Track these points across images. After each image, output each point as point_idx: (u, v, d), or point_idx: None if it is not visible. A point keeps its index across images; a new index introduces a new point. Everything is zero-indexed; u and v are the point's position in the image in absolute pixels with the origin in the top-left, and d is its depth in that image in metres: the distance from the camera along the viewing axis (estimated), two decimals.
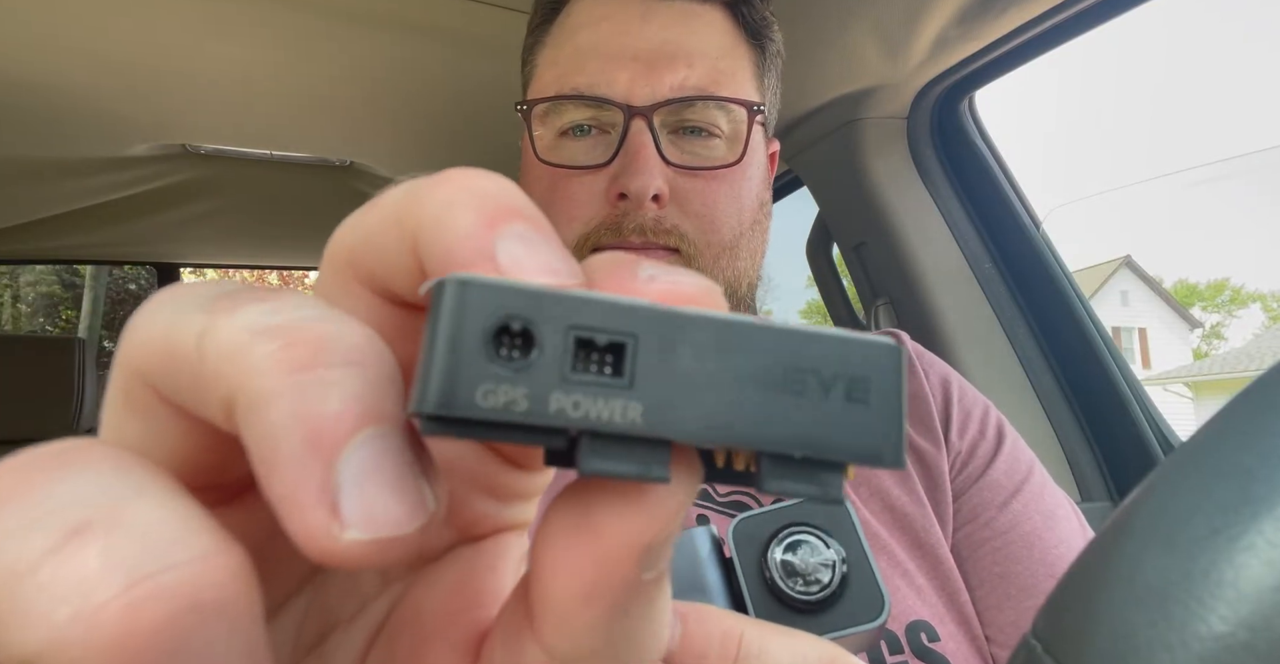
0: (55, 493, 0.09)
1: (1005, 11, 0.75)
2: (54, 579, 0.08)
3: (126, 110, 1.08)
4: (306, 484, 0.09)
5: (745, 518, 0.22)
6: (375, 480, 0.09)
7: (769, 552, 0.22)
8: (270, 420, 0.09)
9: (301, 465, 0.09)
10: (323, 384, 0.09)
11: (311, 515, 0.09)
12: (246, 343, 0.09)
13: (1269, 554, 0.12)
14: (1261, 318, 18.99)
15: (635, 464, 0.10)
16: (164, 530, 0.09)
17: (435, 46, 0.94)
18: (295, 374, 0.09)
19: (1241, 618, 0.12)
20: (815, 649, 0.19)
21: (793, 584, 0.21)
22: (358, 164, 1.38)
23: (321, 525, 0.09)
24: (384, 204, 0.11)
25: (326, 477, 0.09)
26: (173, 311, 0.11)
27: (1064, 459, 0.93)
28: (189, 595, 0.08)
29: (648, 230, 0.46)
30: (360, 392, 0.09)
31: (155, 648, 0.08)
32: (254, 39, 0.91)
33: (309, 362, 0.09)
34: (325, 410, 0.09)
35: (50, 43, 0.90)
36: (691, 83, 0.48)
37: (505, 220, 0.11)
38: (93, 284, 5.09)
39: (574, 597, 0.10)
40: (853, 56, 0.85)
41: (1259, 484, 0.12)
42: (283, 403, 0.09)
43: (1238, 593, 0.12)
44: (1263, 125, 59.45)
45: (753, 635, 0.19)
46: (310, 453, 0.09)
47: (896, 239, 0.96)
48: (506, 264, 0.10)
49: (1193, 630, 0.12)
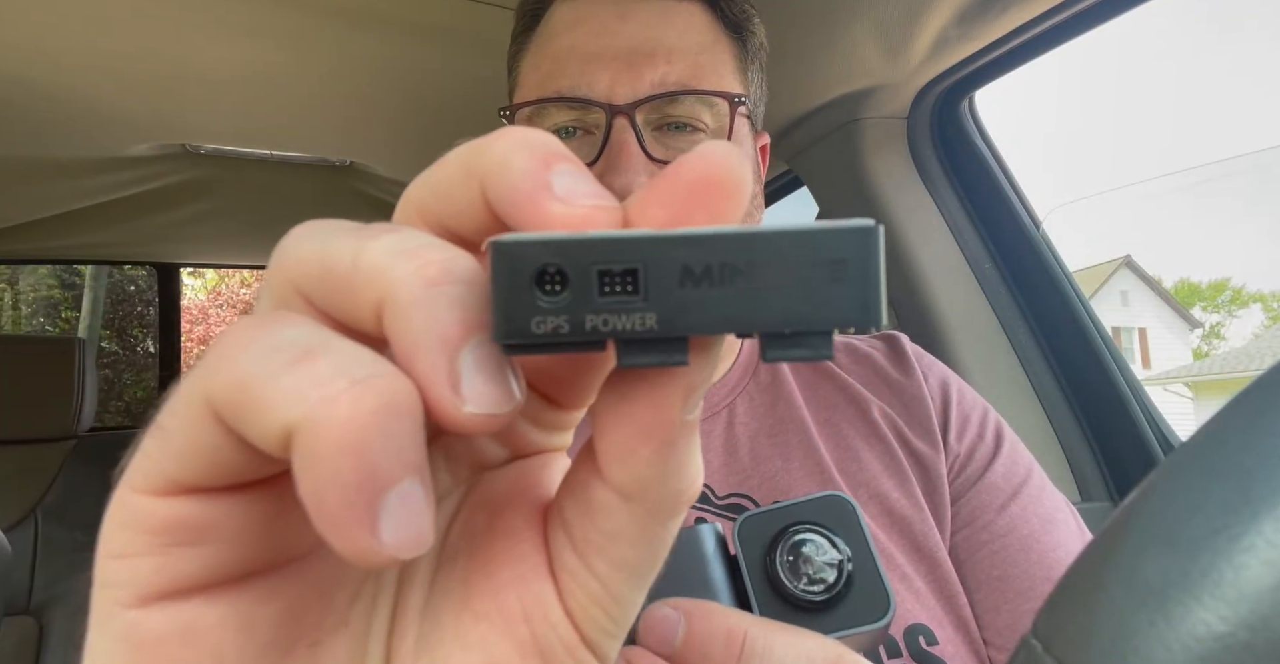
0: (283, 332, 0.13)
1: (1005, 11, 0.75)
2: (302, 377, 0.12)
3: (126, 110, 1.08)
4: (439, 372, 0.12)
5: (751, 516, 0.22)
6: (483, 373, 0.13)
7: (774, 550, 0.22)
8: (412, 322, 0.12)
9: (435, 358, 0.12)
10: (448, 298, 0.12)
11: (444, 393, 0.12)
12: (392, 262, 0.13)
13: (1269, 554, 0.12)
14: (1261, 318, 18.99)
15: (658, 355, 0.13)
16: (363, 356, 0.12)
17: (435, 46, 0.94)
18: (429, 287, 0.12)
19: (1241, 618, 0.12)
20: (820, 648, 0.19)
21: (798, 583, 0.21)
22: (358, 164, 1.38)
23: (450, 401, 0.12)
24: (450, 159, 0.14)
25: (453, 368, 0.12)
26: (322, 240, 0.14)
27: (1064, 459, 0.93)
28: (390, 394, 0.12)
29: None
30: (472, 306, 0.13)
31: (371, 427, 0.11)
32: (254, 39, 0.91)
33: (438, 278, 0.12)
34: (451, 318, 0.12)
35: (50, 43, 0.90)
36: (672, 79, 0.48)
37: (555, 161, 0.13)
38: (93, 284, 5.09)
39: (634, 436, 0.14)
40: (853, 56, 0.85)
41: (1259, 484, 0.12)
42: (421, 310, 0.12)
43: (1238, 593, 0.12)
44: (1263, 125, 59.47)
45: (756, 634, 0.19)
46: (441, 350, 0.12)
47: (896, 239, 0.96)
48: (562, 192, 0.13)
49: (1192, 630, 0.12)
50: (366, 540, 0.11)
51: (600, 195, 0.13)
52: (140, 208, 1.45)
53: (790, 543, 0.21)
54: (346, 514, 0.11)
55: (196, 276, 7.46)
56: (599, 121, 0.48)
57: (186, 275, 7.26)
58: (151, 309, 6.05)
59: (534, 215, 0.13)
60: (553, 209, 0.13)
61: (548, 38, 0.51)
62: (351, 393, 0.11)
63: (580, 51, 0.48)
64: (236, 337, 0.13)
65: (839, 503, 0.22)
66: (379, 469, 0.11)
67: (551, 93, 0.48)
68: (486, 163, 0.13)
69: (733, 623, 0.19)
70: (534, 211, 0.13)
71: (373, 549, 0.12)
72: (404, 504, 0.12)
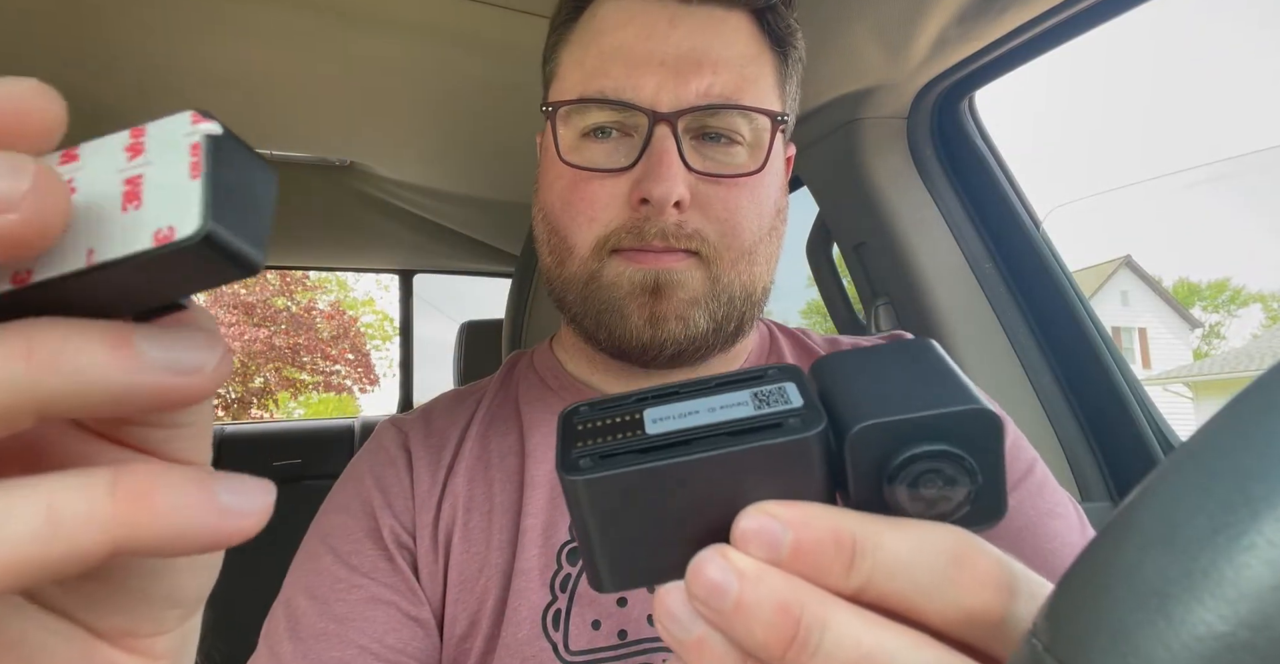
0: None
1: (1005, 11, 0.75)
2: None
3: (127, 110, 1.08)
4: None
5: (869, 427, 0.18)
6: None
7: (893, 472, 0.18)
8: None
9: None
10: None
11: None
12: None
13: (1269, 554, 0.12)
14: (1261, 318, 18.99)
15: None
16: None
17: (435, 46, 0.94)
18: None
19: (1242, 617, 0.12)
20: (938, 537, 0.17)
21: (916, 508, 0.18)
22: (358, 164, 1.38)
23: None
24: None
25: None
26: None
27: (1064, 459, 0.93)
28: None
29: (669, 235, 0.47)
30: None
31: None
32: (254, 39, 0.91)
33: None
34: None
35: (50, 43, 0.90)
36: (716, 90, 0.48)
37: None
38: None
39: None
40: (853, 56, 0.85)
41: (1259, 484, 0.12)
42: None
43: (1238, 592, 0.12)
44: (1262, 125, 59.48)
45: (865, 531, 0.17)
46: None
47: (896, 239, 0.96)
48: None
49: (1193, 630, 0.12)
50: None
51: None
52: None
53: (914, 469, 0.18)
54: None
55: None
56: (638, 124, 0.48)
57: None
58: None
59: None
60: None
61: (594, 33, 0.50)
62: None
63: (627, 53, 0.48)
64: None
65: (984, 419, 0.18)
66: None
67: (594, 92, 0.48)
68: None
69: (838, 523, 0.18)
70: None
71: None
72: None
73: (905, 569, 0.17)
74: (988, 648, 0.17)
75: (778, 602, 0.17)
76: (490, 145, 1.28)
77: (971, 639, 0.17)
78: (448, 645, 0.46)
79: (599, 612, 0.46)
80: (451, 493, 0.49)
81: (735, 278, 0.49)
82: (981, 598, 0.17)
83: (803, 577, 0.18)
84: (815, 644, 0.17)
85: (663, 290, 0.47)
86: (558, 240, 0.50)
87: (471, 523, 0.48)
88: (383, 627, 0.44)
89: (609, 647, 0.45)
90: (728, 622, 0.17)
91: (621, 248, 0.48)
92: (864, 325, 1.08)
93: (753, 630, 0.17)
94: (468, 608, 0.46)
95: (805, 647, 0.17)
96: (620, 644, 0.45)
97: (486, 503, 0.49)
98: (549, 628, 0.45)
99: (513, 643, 0.45)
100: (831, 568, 0.17)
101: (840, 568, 0.17)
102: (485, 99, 1.09)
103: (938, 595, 0.17)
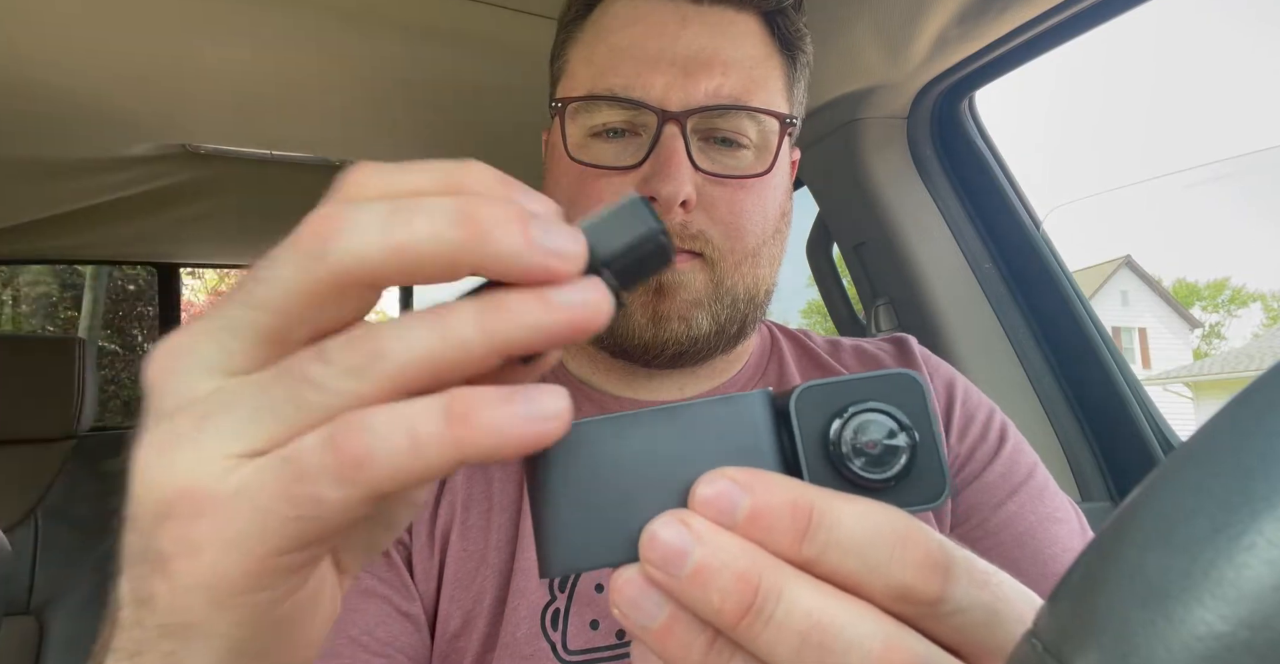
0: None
1: (1005, 11, 0.75)
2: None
3: (126, 110, 1.08)
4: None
5: (810, 387, 0.20)
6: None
7: (833, 426, 0.20)
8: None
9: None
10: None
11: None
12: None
13: (1269, 553, 0.12)
14: (1261, 318, 18.99)
15: None
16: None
17: (435, 46, 0.94)
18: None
19: (1242, 617, 0.12)
20: (888, 518, 0.18)
21: (858, 463, 0.19)
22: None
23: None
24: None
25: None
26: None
27: (1064, 459, 0.93)
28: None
29: (674, 236, 0.47)
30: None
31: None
32: (254, 39, 0.91)
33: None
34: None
35: (50, 43, 0.90)
36: (725, 91, 0.48)
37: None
38: (93, 284, 5.09)
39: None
40: (853, 56, 0.85)
41: (1260, 483, 0.12)
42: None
43: (1238, 592, 0.12)
44: (1262, 125, 59.46)
45: (824, 506, 0.18)
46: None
47: (896, 239, 0.96)
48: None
49: (1193, 630, 0.12)
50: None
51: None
52: (140, 208, 1.45)
53: (853, 422, 0.20)
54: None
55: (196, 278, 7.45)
56: (647, 123, 0.48)
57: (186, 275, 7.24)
58: (151, 309, 6.05)
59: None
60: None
61: (604, 31, 0.50)
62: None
63: (638, 52, 0.48)
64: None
65: (907, 381, 0.20)
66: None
67: (603, 90, 0.48)
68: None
69: (796, 494, 0.18)
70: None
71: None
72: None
73: (857, 545, 0.17)
74: (922, 625, 0.18)
75: (738, 569, 0.17)
76: (491, 145, 1.28)
77: (908, 615, 0.18)
78: (439, 642, 0.46)
79: (597, 611, 0.46)
80: (450, 490, 0.49)
81: (739, 280, 0.49)
82: (920, 576, 0.17)
83: (756, 543, 0.18)
84: (769, 613, 0.17)
85: (666, 290, 0.47)
86: None
87: (470, 520, 0.48)
88: (373, 619, 0.44)
89: (607, 646, 0.45)
90: (684, 589, 0.17)
91: None
92: (864, 325, 1.08)
93: (710, 598, 0.17)
94: (462, 605, 0.46)
95: (759, 615, 0.17)
96: (618, 644, 0.45)
97: (485, 501, 0.49)
98: (548, 627, 0.45)
99: (511, 642, 0.45)
100: (785, 537, 0.18)
101: (794, 538, 0.17)
102: (485, 99, 1.09)
103: (882, 571, 0.17)
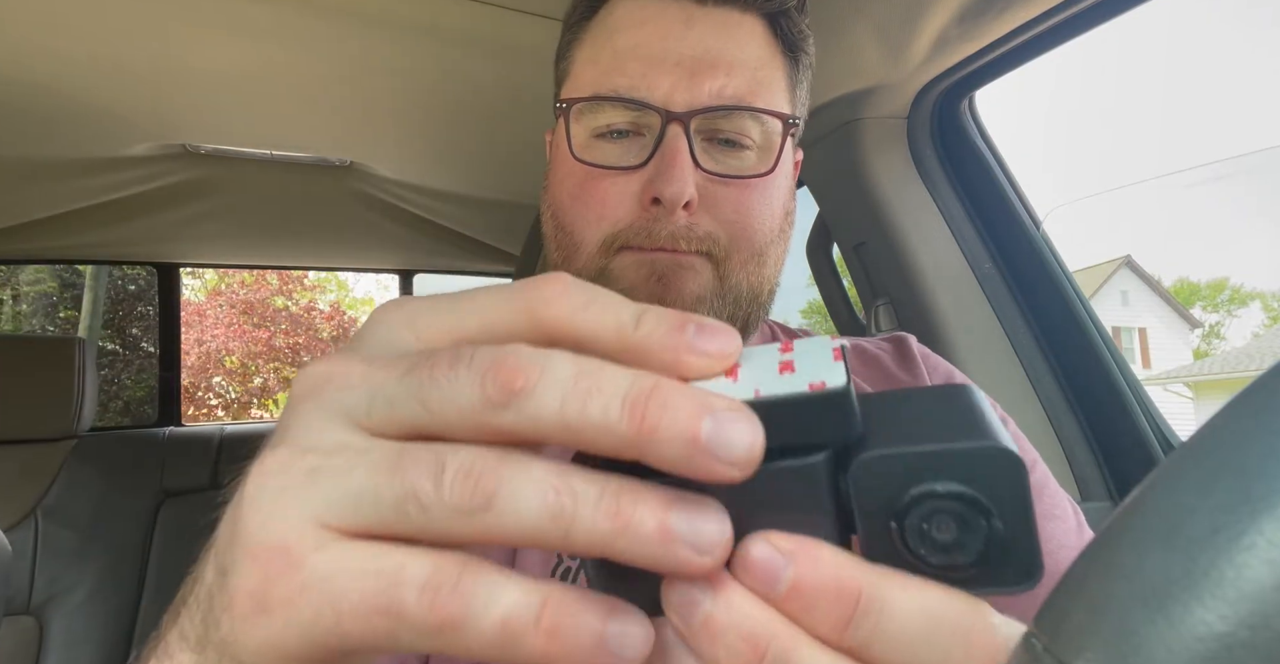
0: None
1: (1005, 11, 0.75)
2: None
3: (126, 110, 1.09)
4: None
5: (874, 457, 0.17)
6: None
7: (902, 510, 0.16)
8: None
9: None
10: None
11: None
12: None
13: (1269, 553, 0.12)
14: (1261, 317, 18.99)
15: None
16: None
17: (435, 46, 0.94)
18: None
19: (1242, 617, 0.12)
20: (948, 606, 0.16)
21: (927, 554, 0.16)
22: (358, 164, 1.38)
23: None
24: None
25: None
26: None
27: (1064, 459, 0.93)
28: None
29: (680, 238, 0.47)
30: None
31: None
32: (254, 39, 0.91)
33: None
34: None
35: (50, 43, 0.90)
36: (729, 91, 0.48)
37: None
38: (93, 284, 5.09)
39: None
40: (853, 56, 0.85)
41: (1259, 483, 0.12)
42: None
43: (1238, 592, 0.12)
44: (1262, 125, 59.48)
45: (874, 588, 0.16)
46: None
47: (896, 239, 0.96)
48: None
49: (1193, 629, 0.12)
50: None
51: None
52: (140, 208, 1.45)
53: (926, 510, 0.16)
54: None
55: (195, 277, 7.45)
56: (651, 124, 0.48)
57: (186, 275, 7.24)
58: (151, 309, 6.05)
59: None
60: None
61: (609, 31, 0.50)
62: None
63: (643, 52, 0.48)
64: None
65: (999, 457, 0.16)
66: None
67: (608, 90, 0.48)
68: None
69: (846, 574, 0.16)
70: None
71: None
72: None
73: (908, 640, 0.16)
74: None
75: (746, 630, 0.16)
76: (491, 145, 1.28)
77: None
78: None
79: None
80: None
81: (744, 279, 0.49)
82: None
83: (792, 619, 0.17)
84: None
85: (669, 279, 0.47)
86: (565, 237, 0.50)
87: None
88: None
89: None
90: (694, 637, 0.17)
91: (630, 246, 0.48)
92: (864, 325, 1.07)
93: (715, 653, 0.16)
94: None
95: None
96: None
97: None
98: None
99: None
100: (827, 617, 0.16)
101: (837, 620, 0.16)
102: (486, 99, 1.09)
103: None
